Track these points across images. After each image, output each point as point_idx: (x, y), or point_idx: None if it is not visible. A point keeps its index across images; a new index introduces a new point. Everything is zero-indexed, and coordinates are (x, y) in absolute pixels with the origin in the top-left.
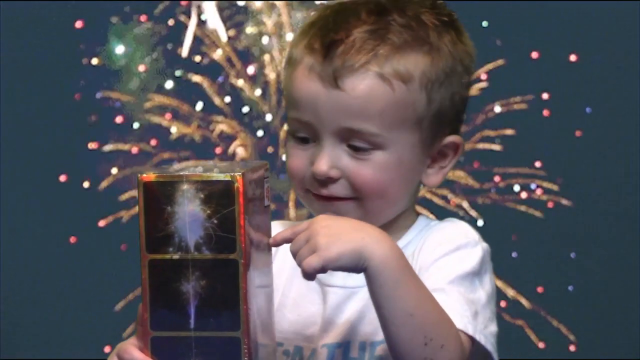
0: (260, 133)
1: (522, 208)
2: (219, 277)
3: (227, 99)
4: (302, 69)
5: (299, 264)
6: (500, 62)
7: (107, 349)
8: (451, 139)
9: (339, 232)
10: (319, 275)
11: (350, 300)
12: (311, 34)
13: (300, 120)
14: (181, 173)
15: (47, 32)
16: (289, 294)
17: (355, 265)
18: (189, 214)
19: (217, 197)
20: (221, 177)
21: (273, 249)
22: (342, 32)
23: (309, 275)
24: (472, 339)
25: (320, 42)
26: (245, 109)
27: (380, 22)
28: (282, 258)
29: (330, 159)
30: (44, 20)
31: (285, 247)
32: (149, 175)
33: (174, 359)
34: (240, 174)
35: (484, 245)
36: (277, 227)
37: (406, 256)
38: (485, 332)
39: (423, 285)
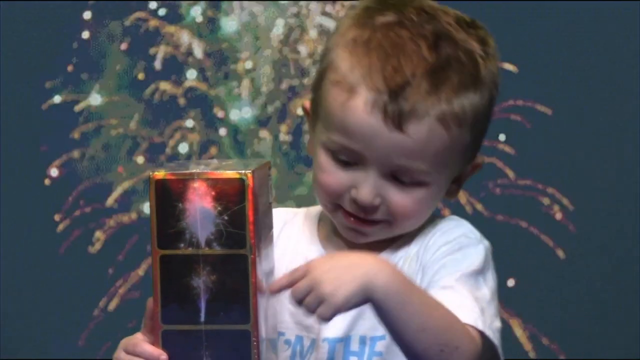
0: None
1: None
2: (229, 272)
3: (198, 108)
4: (362, 102)
5: (311, 313)
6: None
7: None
8: (477, 160)
9: (340, 275)
10: None
11: None
12: (367, 64)
13: (349, 147)
14: (192, 171)
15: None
16: None
17: (363, 301)
18: (200, 210)
19: (228, 194)
20: (232, 174)
21: (273, 237)
22: (407, 70)
23: (326, 321)
24: (482, 334)
25: (385, 82)
26: (221, 115)
27: (439, 59)
28: (282, 249)
29: (375, 188)
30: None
31: (284, 238)
32: (160, 173)
33: (185, 352)
34: (250, 171)
35: (486, 243)
36: (279, 214)
37: (410, 255)
38: (492, 327)
39: (427, 295)
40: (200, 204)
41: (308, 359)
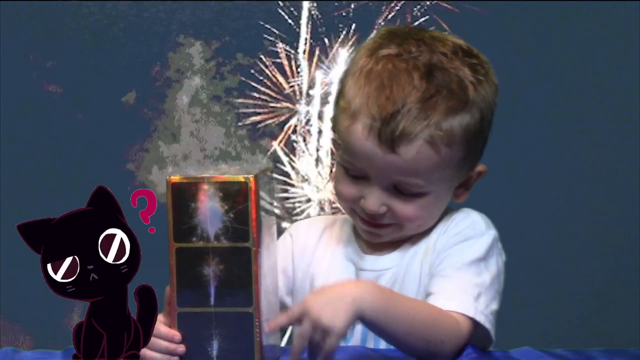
0: None
1: None
2: (234, 262)
3: None
4: (360, 126)
5: (323, 349)
6: None
7: None
8: (479, 168)
9: (333, 308)
10: (354, 259)
11: (378, 281)
12: (367, 93)
13: (355, 165)
14: (203, 175)
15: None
16: (331, 277)
17: (357, 321)
18: (210, 209)
19: (234, 195)
20: (237, 178)
21: (314, 238)
22: (399, 100)
23: (334, 352)
24: (474, 319)
25: (379, 110)
26: None
27: (430, 88)
28: (323, 250)
29: (379, 199)
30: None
31: (325, 241)
32: (176, 177)
33: (197, 330)
34: (252, 175)
35: (492, 232)
36: (319, 221)
37: (430, 245)
38: (485, 311)
39: (411, 301)
40: (210, 204)
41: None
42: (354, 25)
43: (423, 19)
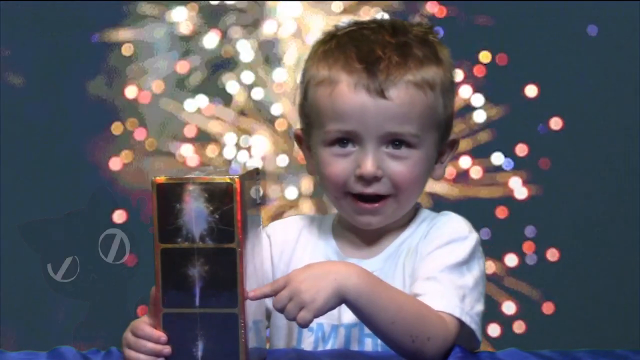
0: None
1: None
2: (219, 263)
3: None
4: (345, 86)
5: (292, 319)
6: None
7: None
8: (452, 137)
9: (316, 283)
10: (334, 260)
11: None
12: (343, 57)
13: (343, 130)
14: (188, 176)
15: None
16: None
17: (338, 303)
18: (195, 210)
19: (218, 196)
20: (221, 179)
21: (292, 238)
22: (378, 51)
23: (306, 326)
24: (460, 320)
25: (360, 62)
26: None
27: (401, 41)
28: (302, 249)
29: (375, 160)
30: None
31: (304, 240)
32: (161, 178)
33: (182, 331)
34: (237, 176)
35: (474, 236)
36: (297, 220)
37: (412, 247)
38: (471, 312)
39: (397, 292)
40: (195, 205)
41: (330, 343)
42: None
43: None
